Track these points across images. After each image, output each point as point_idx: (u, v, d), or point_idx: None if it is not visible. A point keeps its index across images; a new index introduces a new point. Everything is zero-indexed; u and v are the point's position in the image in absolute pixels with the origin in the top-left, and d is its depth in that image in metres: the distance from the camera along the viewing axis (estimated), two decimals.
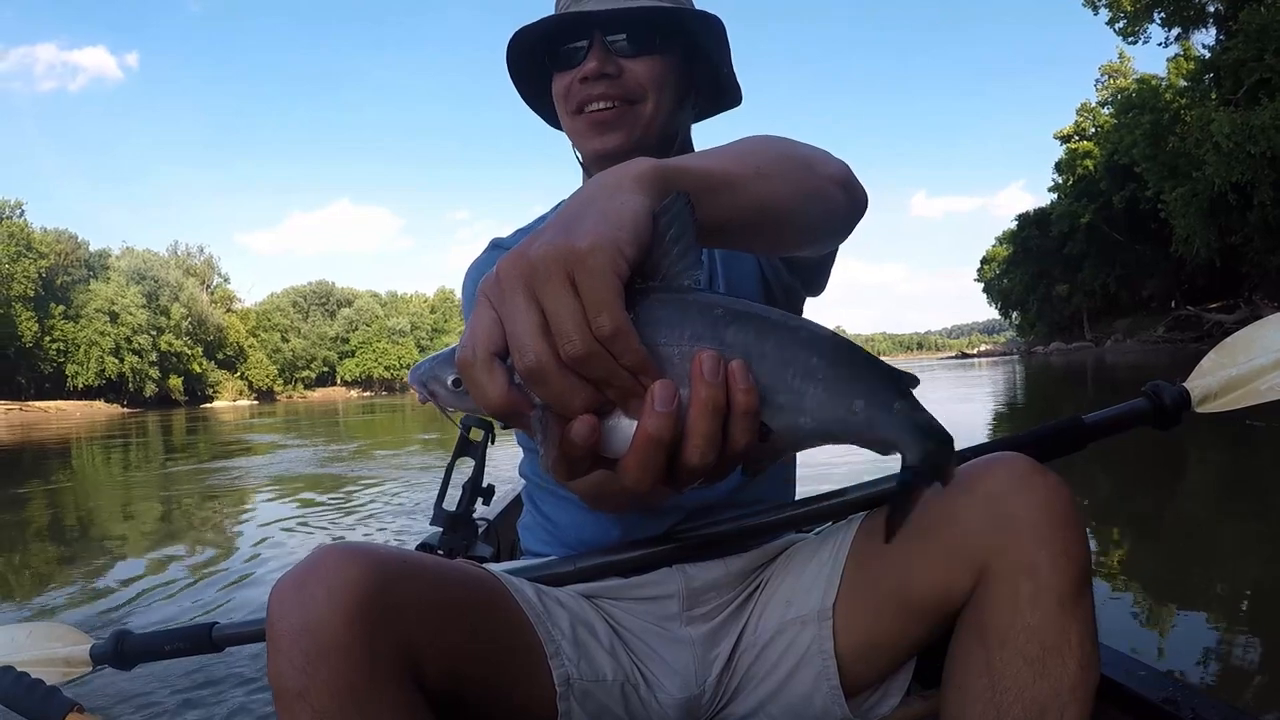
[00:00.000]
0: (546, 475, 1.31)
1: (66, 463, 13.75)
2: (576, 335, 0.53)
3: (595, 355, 0.54)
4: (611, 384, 0.56)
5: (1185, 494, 5.56)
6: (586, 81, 1.26)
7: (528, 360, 0.54)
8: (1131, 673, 1.26)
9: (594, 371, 0.55)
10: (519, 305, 0.55)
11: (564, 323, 0.54)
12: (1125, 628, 2.74)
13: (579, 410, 0.56)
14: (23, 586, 4.39)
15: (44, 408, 62.62)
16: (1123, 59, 58.96)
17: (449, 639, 0.95)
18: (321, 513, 6.18)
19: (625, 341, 0.54)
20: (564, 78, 1.30)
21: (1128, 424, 1.26)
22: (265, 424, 25.92)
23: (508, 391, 0.56)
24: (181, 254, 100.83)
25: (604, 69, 1.25)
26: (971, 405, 13.68)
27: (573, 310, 0.54)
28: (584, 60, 1.26)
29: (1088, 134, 61.84)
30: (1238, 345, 1.30)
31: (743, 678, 1.25)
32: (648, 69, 1.27)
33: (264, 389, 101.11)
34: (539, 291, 0.55)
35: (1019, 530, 0.95)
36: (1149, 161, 38.65)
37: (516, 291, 0.55)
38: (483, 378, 0.56)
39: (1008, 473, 1.00)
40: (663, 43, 1.29)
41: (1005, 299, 79.31)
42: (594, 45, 1.26)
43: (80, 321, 76.77)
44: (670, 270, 0.59)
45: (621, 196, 0.61)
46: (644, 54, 1.27)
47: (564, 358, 0.54)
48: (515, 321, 0.55)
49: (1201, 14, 39.57)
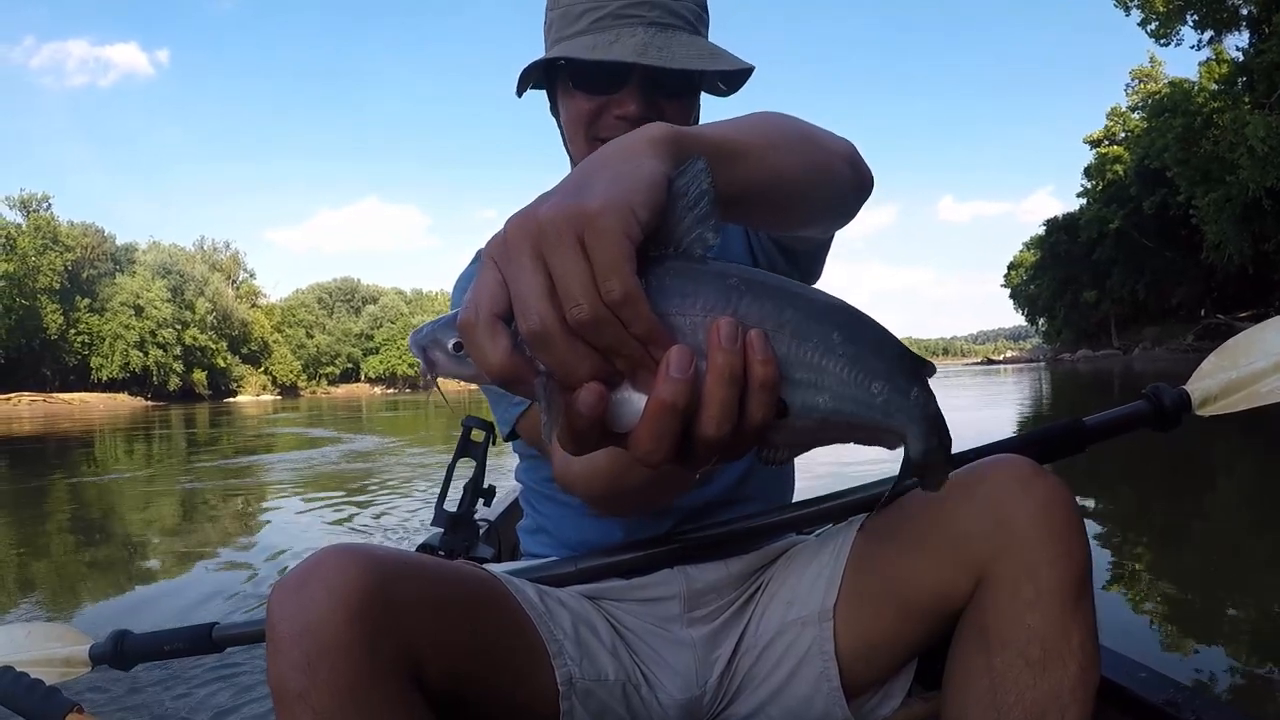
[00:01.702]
0: (549, 481, 1.32)
1: (83, 454, 13.69)
2: (584, 299, 0.50)
3: (603, 321, 0.50)
4: (619, 353, 0.52)
5: (1188, 494, 5.60)
6: (623, 121, 1.19)
7: (532, 323, 0.51)
8: (1133, 675, 1.26)
9: (601, 339, 0.51)
10: (525, 266, 0.52)
11: (572, 285, 0.50)
12: (1126, 629, 2.75)
13: (584, 379, 0.52)
14: (30, 583, 4.34)
15: (67, 400, 63.41)
16: (1154, 63, 58.37)
17: (450, 639, 0.95)
18: (340, 509, 6.13)
19: (635, 308, 0.50)
20: (589, 101, 1.22)
21: (1128, 426, 1.28)
22: (288, 418, 26.19)
23: (510, 356, 0.52)
24: (208, 249, 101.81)
25: (645, 114, 1.18)
26: (998, 410, 13.82)
27: (581, 273, 0.50)
28: (619, 93, 1.20)
29: (1118, 138, 61.26)
30: (1238, 348, 1.31)
31: (743, 679, 1.25)
32: (679, 111, 1.23)
33: (288, 384, 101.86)
34: (546, 252, 0.51)
35: (1020, 532, 0.97)
36: (1181, 166, 38.14)
37: (523, 252, 0.52)
38: (485, 340, 0.52)
39: (1009, 475, 1.01)
40: (695, 83, 1.26)
41: (1032, 305, 79.19)
42: (635, 84, 1.19)
43: (105, 315, 77.92)
44: (686, 238, 0.56)
45: (636, 160, 0.58)
46: (680, 96, 1.23)
47: (570, 322, 0.50)
48: (520, 283, 0.52)
49: (1235, 16, 38.87)
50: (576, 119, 1.24)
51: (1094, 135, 64.26)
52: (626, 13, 1.18)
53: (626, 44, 1.16)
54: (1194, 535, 4.41)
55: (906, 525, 1.12)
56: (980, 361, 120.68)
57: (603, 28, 1.18)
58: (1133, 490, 5.63)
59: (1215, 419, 1.29)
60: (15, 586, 4.20)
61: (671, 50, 1.16)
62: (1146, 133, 45.83)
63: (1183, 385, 1.30)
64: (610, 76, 1.19)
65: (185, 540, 5.30)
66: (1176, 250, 50.43)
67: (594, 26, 1.19)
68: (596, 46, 1.17)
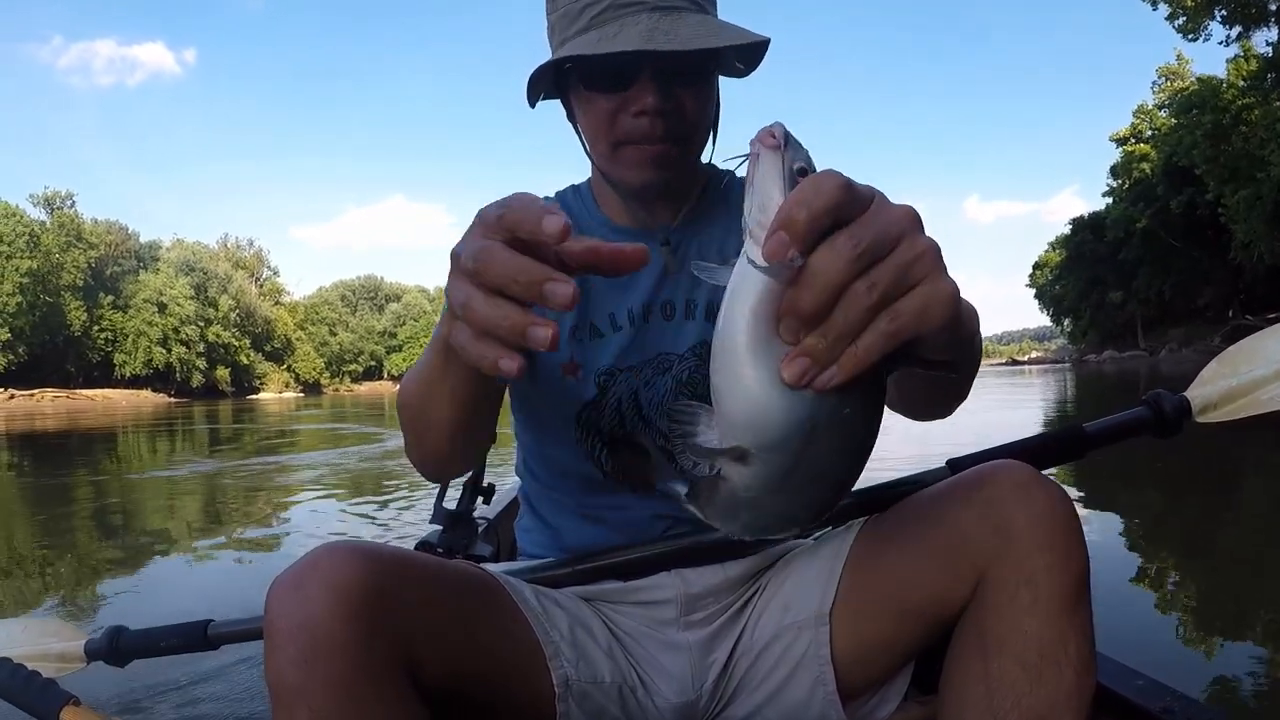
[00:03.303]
0: (549, 479, 1.34)
1: (103, 449, 13.75)
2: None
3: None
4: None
5: (1192, 499, 5.58)
6: (642, 116, 1.13)
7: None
8: (1129, 682, 1.26)
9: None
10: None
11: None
12: (1123, 637, 2.66)
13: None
14: (42, 575, 4.33)
15: (90, 396, 64.00)
16: (1180, 61, 57.55)
17: (447, 638, 0.96)
18: (361, 506, 6.12)
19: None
20: (606, 101, 1.15)
21: (1129, 433, 1.28)
22: (311, 415, 26.39)
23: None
24: (231, 246, 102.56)
25: (663, 105, 1.12)
26: (1024, 412, 13.59)
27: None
28: (632, 87, 1.12)
29: (1144, 136, 60.36)
30: (1239, 356, 1.32)
31: (739, 682, 1.24)
32: (696, 98, 1.16)
33: (311, 381, 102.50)
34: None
35: (1018, 537, 0.97)
36: (1209, 163, 37.69)
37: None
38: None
39: (1008, 480, 1.01)
40: (711, 64, 1.18)
41: (1057, 305, 78.58)
42: (650, 75, 1.11)
43: (129, 312, 78.43)
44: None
45: None
46: (697, 81, 1.16)
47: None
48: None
49: (1263, 12, 38.33)
50: (595, 123, 1.18)
51: (1120, 133, 63.31)
52: (627, 0, 1.11)
53: (631, 33, 1.08)
54: (1199, 541, 4.37)
55: (905, 529, 1.10)
56: (1005, 362, 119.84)
57: (605, 21, 1.12)
58: (1133, 496, 5.54)
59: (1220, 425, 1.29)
60: (33, 580, 4.21)
61: (679, 32, 1.08)
62: (1174, 130, 45.19)
63: (1183, 392, 1.29)
64: (621, 71, 1.12)
65: (211, 535, 5.30)
66: (1204, 250, 49.92)
67: (596, 21, 1.12)
68: (601, 40, 1.10)
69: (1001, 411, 13.08)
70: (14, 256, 65.11)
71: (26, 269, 65.51)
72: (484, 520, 1.89)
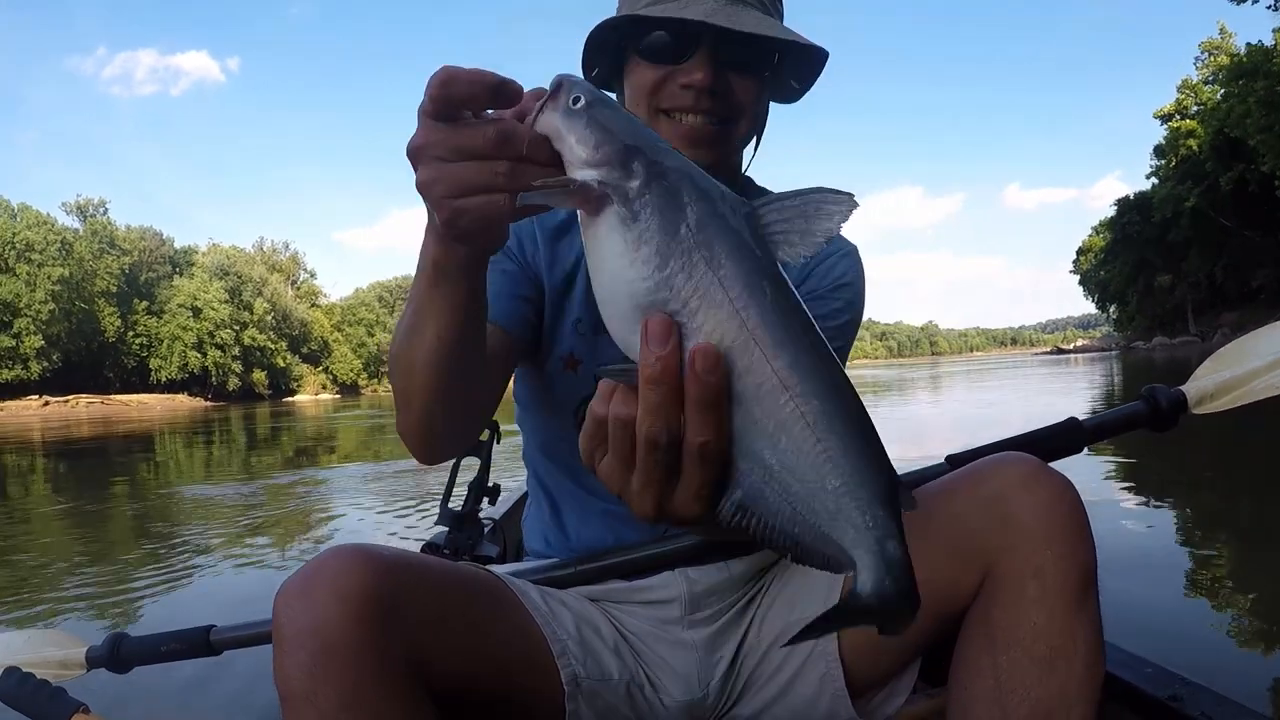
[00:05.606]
0: (555, 478, 1.35)
1: (135, 456, 13.68)
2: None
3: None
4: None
5: (1197, 486, 5.59)
6: (688, 90, 1.16)
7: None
8: (1138, 670, 1.27)
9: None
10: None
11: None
12: (1131, 625, 2.61)
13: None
14: (46, 581, 4.38)
15: (125, 401, 64.52)
16: (1223, 34, 55.45)
17: (455, 640, 0.97)
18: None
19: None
20: (654, 71, 1.18)
21: (1125, 426, 1.33)
22: (348, 417, 26.59)
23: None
24: (267, 250, 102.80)
25: (714, 84, 1.16)
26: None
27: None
28: (686, 61, 1.16)
29: (1189, 112, 58.31)
30: (1235, 352, 1.36)
31: (747, 680, 1.25)
32: (747, 89, 1.20)
33: (348, 383, 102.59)
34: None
35: (1025, 530, 0.98)
36: (1265, 133, 35.84)
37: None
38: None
39: (1014, 472, 1.02)
40: (766, 64, 1.21)
41: (1103, 291, 77.25)
42: (704, 52, 1.15)
43: (163, 317, 79.22)
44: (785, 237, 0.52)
45: None
46: (749, 73, 1.19)
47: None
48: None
49: None
50: (639, 90, 1.19)
51: (1164, 109, 61.55)
52: None
53: (696, 8, 1.13)
54: (1207, 527, 4.37)
55: (911, 523, 1.18)
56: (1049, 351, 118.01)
57: None
58: (1139, 484, 5.50)
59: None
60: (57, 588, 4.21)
61: (742, 19, 1.13)
62: (1224, 99, 43.42)
63: (1179, 386, 1.33)
64: (678, 42, 1.15)
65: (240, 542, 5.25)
66: (1257, 229, 48.30)
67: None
68: (667, 11, 1.14)
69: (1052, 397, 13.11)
70: (45, 264, 65.77)
71: (59, 276, 66.12)
72: (490, 521, 1.86)
